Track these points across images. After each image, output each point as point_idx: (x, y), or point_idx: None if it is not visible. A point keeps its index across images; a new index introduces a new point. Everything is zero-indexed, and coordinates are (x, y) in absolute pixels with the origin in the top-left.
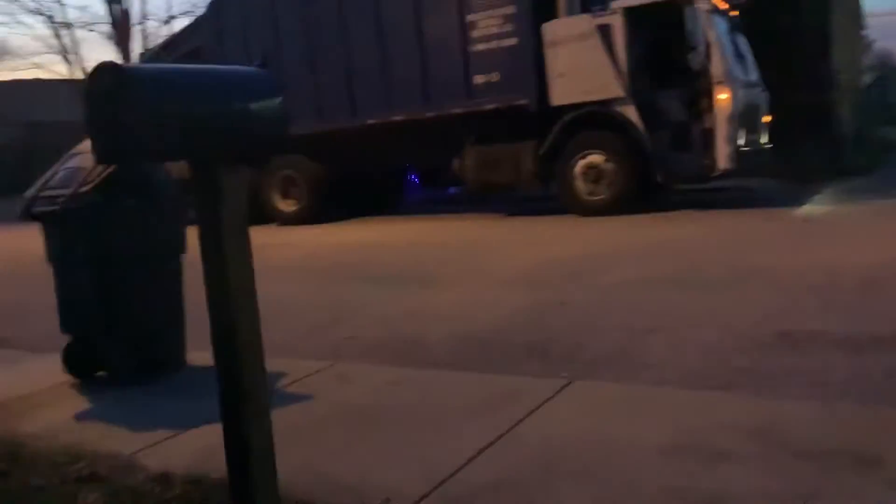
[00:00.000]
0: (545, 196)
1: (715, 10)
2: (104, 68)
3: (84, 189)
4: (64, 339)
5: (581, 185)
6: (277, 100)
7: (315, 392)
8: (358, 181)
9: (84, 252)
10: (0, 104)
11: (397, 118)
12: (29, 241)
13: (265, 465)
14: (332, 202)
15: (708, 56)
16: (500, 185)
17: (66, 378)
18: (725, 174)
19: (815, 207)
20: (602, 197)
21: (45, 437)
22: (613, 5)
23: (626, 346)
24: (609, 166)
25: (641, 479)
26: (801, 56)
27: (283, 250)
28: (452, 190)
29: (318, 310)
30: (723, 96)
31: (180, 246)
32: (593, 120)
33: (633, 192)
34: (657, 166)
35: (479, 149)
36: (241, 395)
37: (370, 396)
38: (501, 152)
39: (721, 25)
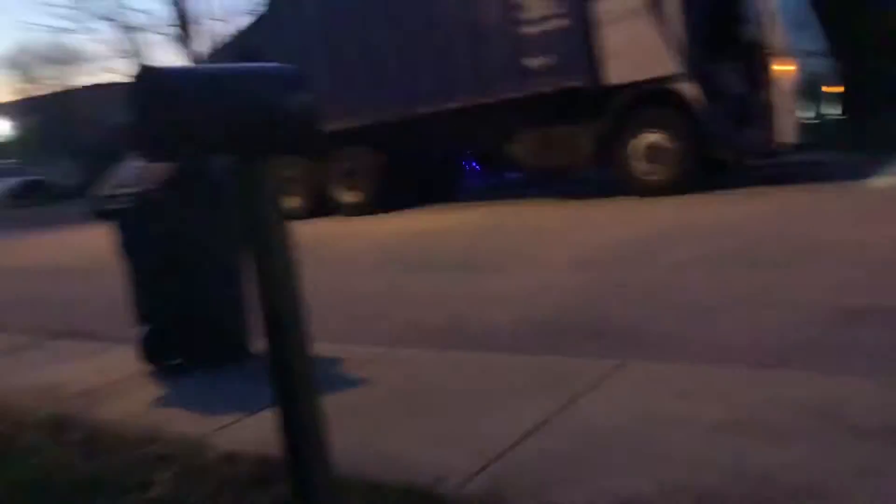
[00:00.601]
0: (604, 178)
1: None
2: (145, 73)
3: (149, 186)
4: (140, 331)
5: (640, 166)
6: (307, 94)
7: (373, 376)
8: (418, 170)
9: (151, 246)
10: (83, 109)
11: (452, 106)
12: (105, 239)
13: (316, 443)
14: (393, 192)
15: (767, 27)
16: (557, 169)
17: (143, 367)
18: (791, 148)
19: (887, 180)
20: (662, 176)
21: (124, 422)
22: None
23: (686, 326)
24: (668, 145)
25: (695, 455)
26: (874, 22)
27: (346, 240)
28: (511, 175)
29: (379, 297)
30: (783, 68)
31: (241, 238)
32: (650, 98)
33: (694, 170)
34: (718, 143)
35: (534, 133)
36: (289, 375)
37: (427, 379)
38: (557, 135)
39: None
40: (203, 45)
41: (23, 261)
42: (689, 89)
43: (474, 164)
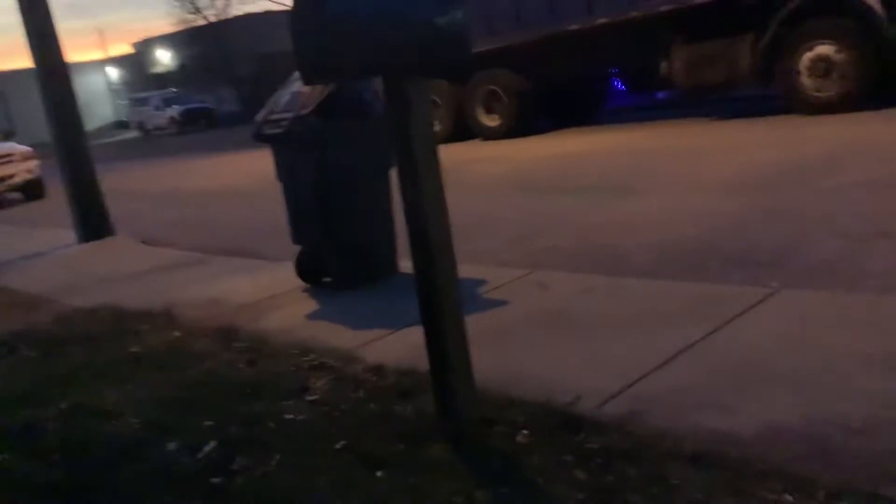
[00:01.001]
0: (765, 95)
1: None
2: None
3: (305, 111)
4: (296, 250)
5: (807, 81)
6: (460, 13)
7: (513, 297)
8: (561, 91)
9: (306, 169)
10: (236, 39)
11: (601, 21)
12: (266, 162)
13: (459, 358)
14: (535, 114)
15: None
16: (713, 86)
17: (299, 284)
18: None
19: None
20: (832, 93)
21: (282, 333)
22: None
23: (844, 254)
24: (841, 57)
25: (845, 385)
26: None
27: (487, 165)
28: (661, 94)
29: (520, 221)
30: None
31: (390, 161)
32: (822, 6)
33: (868, 85)
34: None
35: (689, 48)
36: (435, 291)
37: (567, 302)
38: (714, 50)
39: None
40: None
41: (190, 183)
42: None
43: (620, 84)
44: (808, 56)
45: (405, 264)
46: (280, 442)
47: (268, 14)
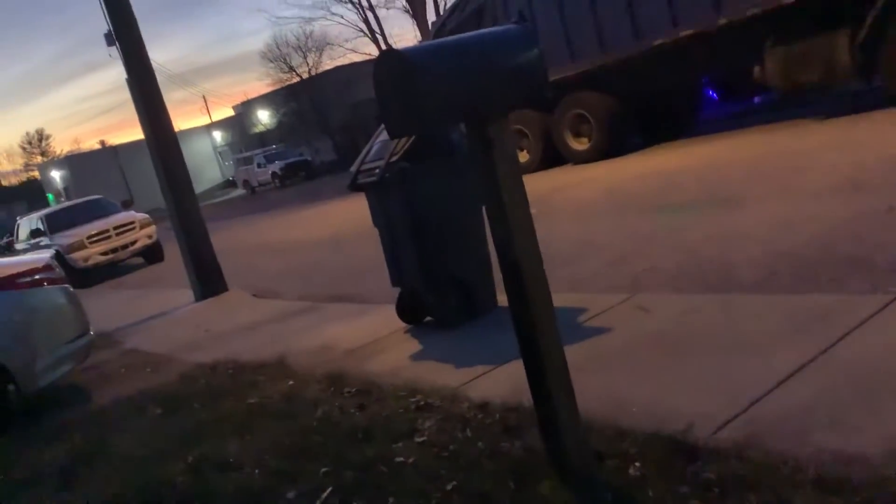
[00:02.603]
0: (868, 90)
1: None
2: (386, 56)
3: (394, 158)
4: (396, 293)
5: None
6: (535, 51)
7: (615, 324)
8: (651, 107)
9: (399, 212)
10: (328, 91)
11: (686, 33)
12: (361, 209)
13: (562, 391)
14: (626, 133)
15: None
16: (812, 85)
17: (402, 325)
18: None
19: None
20: None
21: (388, 376)
22: None
23: None
24: None
25: None
26: None
27: (579, 189)
28: (758, 99)
29: (618, 244)
30: None
31: (480, 198)
32: None
33: None
34: None
35: (782, 48)
36: (532, 326)
37: (670, 325)
38: (809, 48)
39: None
40: (431, 13)
41: (293, 234)
42: None
43: (712, 93)
44: None
45: (503, 298)
46: (393, 485)
47: (355, 64)
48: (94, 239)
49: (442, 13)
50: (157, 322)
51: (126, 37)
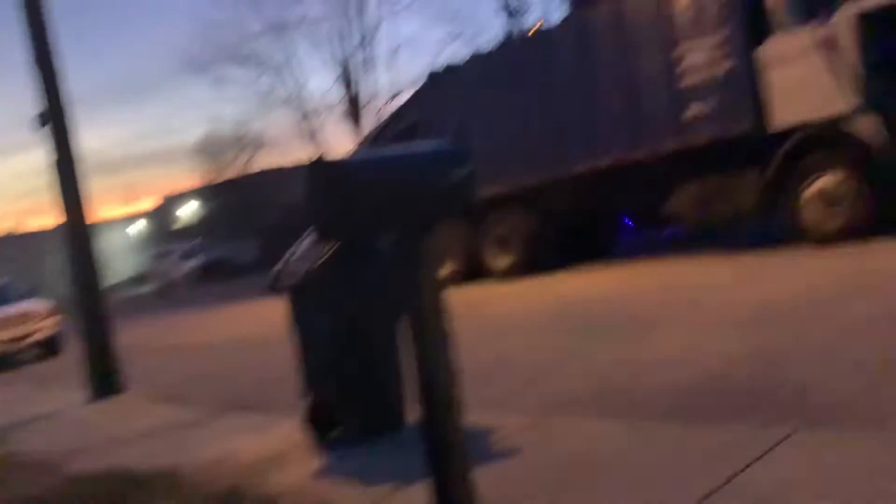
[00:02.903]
0: (772, 227)
1: None
2: (320, 162)
3: (318, 263)
4: (306, 403)
5: (814, 213)
6: (466, 168)
7: (523, 447)
8: (571, 230)
9: (319, 320)
10: (259, 191)
11: (606, 162)
12: (280, 312)
13: None
14: (547, 253)
15: None
16: (719, 221)
17: (307, 439)
18: None
19: None
20: (839, 224)
21: (290, 494)
22: (840, 12)
23: (865, 391)
24: (847, 188)
25: None
26: None
27: (501, 305)
28: (669, 230)
29: (534, 363)
30: None
31: (401, 309)
32: (823, 139)
33: (874, 214)
34: None
35: (693, 185)
36: (442, 445)
37: (578, 451)
38: (718, 186)
39: None
40: (369, 121)
41: (206, 334)
42: (868, 126)
43: (628, 220)
44: (811, 189)
45: (415, 413)
46: None
47: (288, 168)
48: None
49: (379, 123)
50: (44, 423)
51: (56, 120)
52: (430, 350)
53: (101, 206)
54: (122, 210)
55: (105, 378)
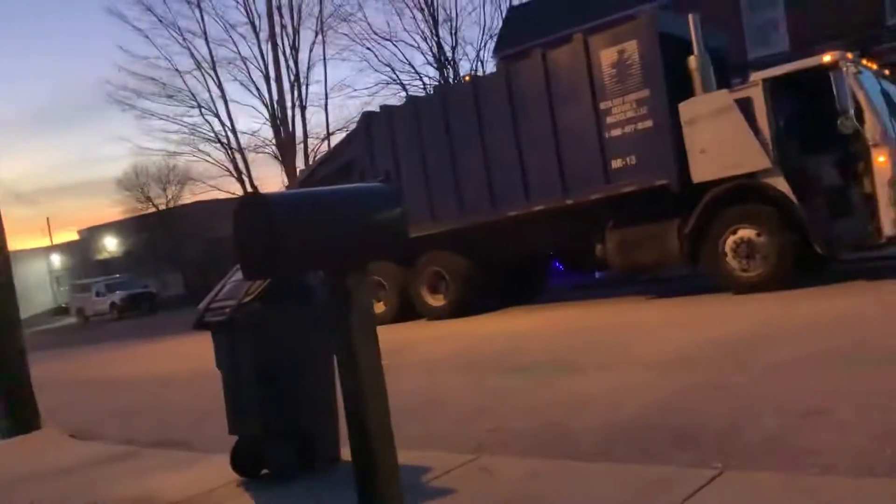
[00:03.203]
0: (695, 275)
1: (862, 70)
2: (249, 199)
3: (247, 299)
4: (232, 441)
5: (733, 262)
6: (398, 209)
7: (458, 485)
8: (503, 271)
9: (246, 356)
10: (185, 225)
11: (537, 208)
12: (206, 349)
13: None
14: (479, 294)
15: (860, 118)
16: (645, 267)
17: (235, 477)
18: (892, 241)
19: None
20: (756, 272)
21: None
22: (753, 78)
23: (786, 432)
24: (762, 240)
25: None
26: None
27: (432, 344)
28: (598, 274)
29: (466, 402)
30: (881, 159)
31: (332, 347)
32: (740, 194)
33: (789, 265)
34: (815, 236)
35: (620, 232)
36: (375, 483)
37: (513, 490)
38: (644, 234)
39: (872, 85)
40: (301, 161)
41: (126, 370)
42: (780, 183)
43: (559, 264)
44: (731, 239)
45: (347, 451)
46: None
47: (215, 201)
48: None
49: (311, 162)
50: None
51: None
52: (360, 386)
53: (20, 237)
54: (41, 241)
55: (20, 413)
